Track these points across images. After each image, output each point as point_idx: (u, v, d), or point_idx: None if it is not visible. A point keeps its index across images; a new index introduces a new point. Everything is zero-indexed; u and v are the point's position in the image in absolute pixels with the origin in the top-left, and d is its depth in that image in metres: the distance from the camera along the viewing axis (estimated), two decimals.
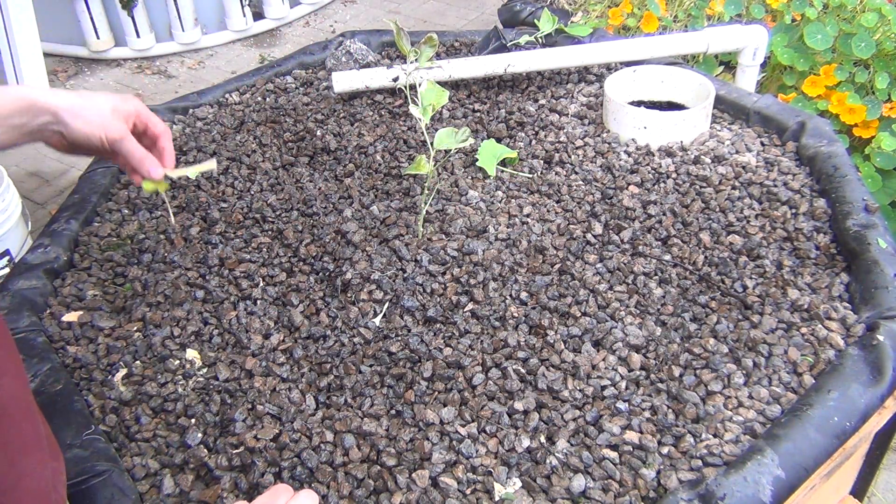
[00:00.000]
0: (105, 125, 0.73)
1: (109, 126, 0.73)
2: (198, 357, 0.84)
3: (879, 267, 0.83)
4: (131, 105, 0.76)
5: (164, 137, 0.79)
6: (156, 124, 0.79)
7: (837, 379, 0.72)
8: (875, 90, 1.62)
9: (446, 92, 0.96)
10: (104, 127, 0.72)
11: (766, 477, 0.64)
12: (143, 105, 0.78)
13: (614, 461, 0.69)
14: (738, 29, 1.34)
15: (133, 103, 0.77)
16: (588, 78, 1.32)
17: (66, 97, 0.72)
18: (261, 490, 0.69)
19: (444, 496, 0.67)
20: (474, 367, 0.79)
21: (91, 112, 0.72)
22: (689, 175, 1.05)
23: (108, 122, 0.73)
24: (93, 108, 0.72)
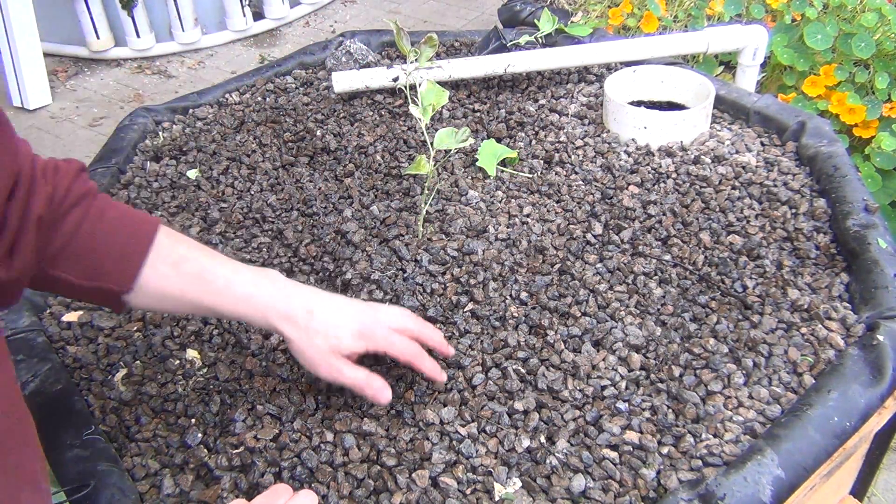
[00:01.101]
0: (316, 367, 0.71)
1: (320, 368, 0.71)
2: (198, 357, 0.84)
3: (879, 267, 0.83)
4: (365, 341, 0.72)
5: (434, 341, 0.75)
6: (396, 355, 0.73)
7: (837, 379, 0.72)
8: (875, 90, 1.62)
9: (446, 92, 0.96)
10: (314, 368, 0.71)
11: (766, 477, 0.64)
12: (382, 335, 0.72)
13: (614, 461, 0.69)
14: (738, 29, 1.34)
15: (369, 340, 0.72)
16: (588, 78, 1.32)
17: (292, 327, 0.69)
18: (260, 490, 0.68)
19: (444, 496, 0.67)
20: (474, 367, 0.79)
21: (308, 352, 0.70)
22: (689, 175, 1.05)
23: (320, 365, 0.71)
24: (311, 348, 0.70)
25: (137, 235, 0.66)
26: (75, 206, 0.63)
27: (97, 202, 0.65)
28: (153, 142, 1.23)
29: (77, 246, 0.63)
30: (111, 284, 0.65)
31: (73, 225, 0.62)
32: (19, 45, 2.73)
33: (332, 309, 0.72)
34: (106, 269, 0.64)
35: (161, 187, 1.13)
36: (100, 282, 0.64)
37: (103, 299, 0.67)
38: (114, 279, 0.65)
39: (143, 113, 1.27)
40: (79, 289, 0.65)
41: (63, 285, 0.64)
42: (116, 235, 0.64)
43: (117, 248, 0.64)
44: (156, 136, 1.24)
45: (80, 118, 2.79)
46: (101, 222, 0.64)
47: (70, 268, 0.63)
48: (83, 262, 0.63)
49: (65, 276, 0.63)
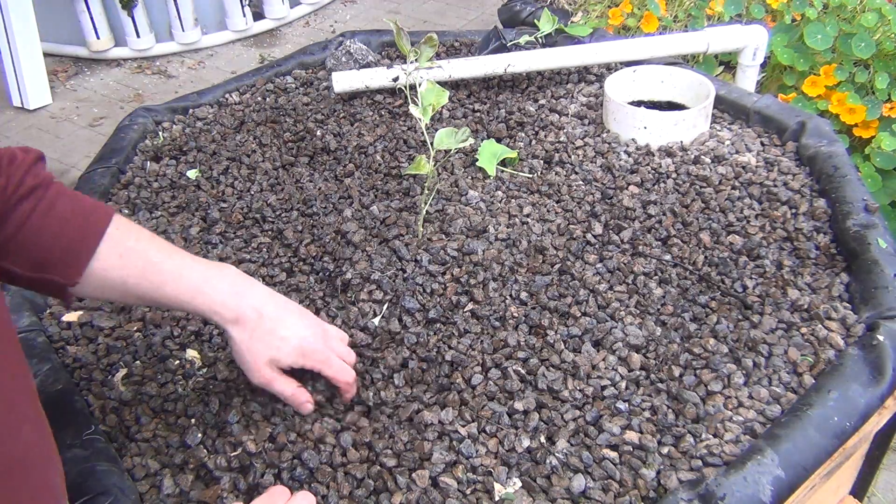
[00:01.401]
0: (252, 373, 0.72)
1: (255, 375, 0.72)
2: (198, 357, 0.84)
3: (879, 267, 0.83)
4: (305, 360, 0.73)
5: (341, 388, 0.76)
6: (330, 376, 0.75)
7: (837, 379, 0.72)
8: (875, 90, 1.62)
9: (446, 92, 0.96)
10: (250, 373, 0.73)
11: (766, 477, 0.64)
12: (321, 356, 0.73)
13: (614, 461, 0.69)
14: (738, 29, 1.34)
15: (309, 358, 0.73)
16: (588, 78, 1.32)
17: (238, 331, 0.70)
18: (260, 490, 0.69)
19: (444, 496, 0.67)
20: (474, 368, 0.79)
21: (248, 357, 0.71)
22: (689, 175, 1.05)
23: (255, 372, 0.72)
24: (252, 354, 0.71)
25: (87, 229, 0.65)
26: (26, 198, 0.62)
27: (49, 193, 0.64)
28: (153, 142, 1.23)
29: (24, 238, 0.62)
30: (57, 277, 0.65)
31: (22, 217, 0.62)
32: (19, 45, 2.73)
33: (281, 319, 0.72)
34: (53, 263, 0.64)
35: (161, 187, 1.13)
36: (46, 273, 0.64)
37: (48, 290, 0.67)
38: (60, 272, 0.64)
39: (143, 113, 1.27)
40: (23, 279, 0.65)
41: (7, 274, 0.64)
42: (65, 229, 0.64)
43: (65, 241, 0.64)
44: (156, 136, 1.24)
45: (80, 118, 2.79)
46: (51, 215, 0.63)
47: (16, 259, 0.63)
48: (30, 254, 0.63)
49: (9, 267, 0.63)
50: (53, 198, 0.64)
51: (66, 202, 0.65)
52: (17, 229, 0.62)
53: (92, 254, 0.65)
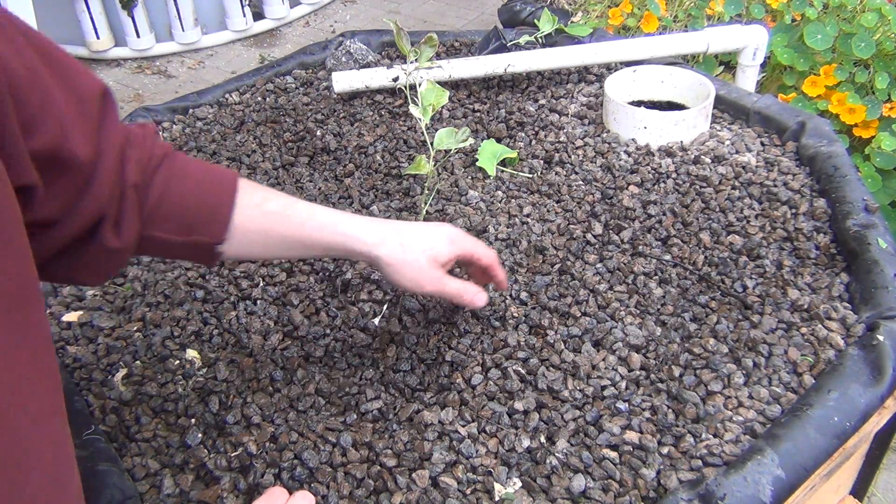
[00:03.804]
0: (420, 281, 0.72)
1: (425, 281, 0.73)
2: (198, 357, 0.84)
3: (879, 267, 0.83)
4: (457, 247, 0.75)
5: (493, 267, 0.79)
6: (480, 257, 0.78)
7: (837, 379, 0.72)
8: (875, 90, 1.62)
9: (446, 92, 0.96)
10: (419, 283, 0.73)
11: (766, 477, 0.64)
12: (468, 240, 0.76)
13: (614, 461, 0.69)
14: (738, 29, 1.34)
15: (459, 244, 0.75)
16: (588, 78, 1.32)
17: (387, 248, 0.71)
18: (260, 490, 0.69)
19: (444, 496, 0.67)
20: (474, 368, 0.79)
21: (408, 268, 0.72)
22: (689, 175, 1.05)
23: (423, 278, 0.72)
24: (412, 263, 0.72)
25: (222, 186, 0.67)
26: (160, 166, 0.64)
27: (177, 160, 0.67)
28: None
29: (169, 204, 0.64)
30: (206, 237, 0.66)
31: (163, 185, 0.64)
32: None
33: (415, 227, 0.74)
34: (199, 223, 0.66)
35: None
36: (195, 235, 0.66)
37: (198, 253, 0.68)
38: (207, 231, 0.66)
39: (143, 113, 1.27)
40: (175, 245, 0.66)
41: (160, 243, 0.66)
42: (203, 189, 0.66)
43: (206, 200, 0.66)
44: None
45: None
46: (187, 178, 0.66)
47: (165, 226, 0.65)
48: (177, 218, 0.65)
49: (161, 235, 0.65)
50: (183, 163, 0.67)
51: (195, 165, 0.67)
52: (161, 197, 0.64)
53: (232, 207, 0.67)
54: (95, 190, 0.57)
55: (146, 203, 0.63)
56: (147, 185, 0.63)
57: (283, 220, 0.69)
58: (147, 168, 0.63)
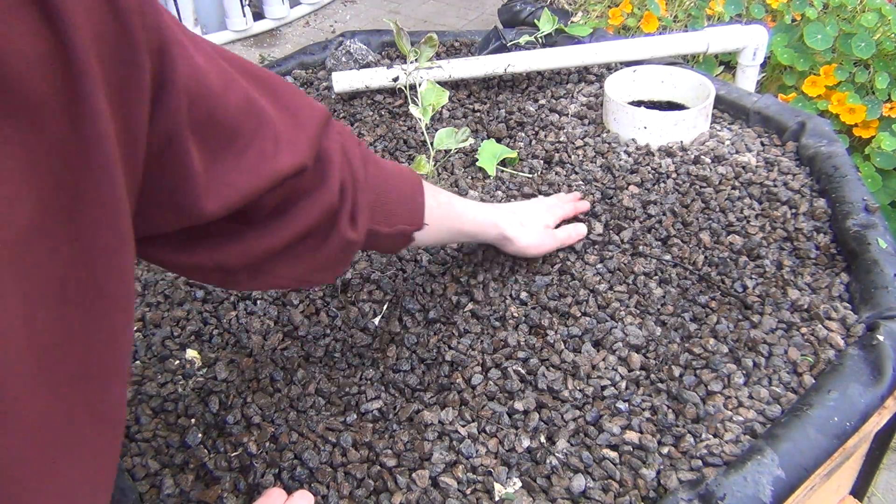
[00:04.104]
0: (541, 245, 0.89)
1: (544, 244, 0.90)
2: (198, 357, 0.84)
3: (879, 267, 0.83)
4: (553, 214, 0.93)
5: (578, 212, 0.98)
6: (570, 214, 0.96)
7: (837, 379, 0.72)
8: (875, 90, 1.62)
9: (446, 92, 0.96)
10: (540, 247, 0.90)
11: (766, 477, 0.64)
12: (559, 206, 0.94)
13: (614, 461, 0.69)
14: (738, 29, 1.34)
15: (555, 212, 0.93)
16: (588, 78, 1.32)
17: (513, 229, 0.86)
18: (260, 490, 0.69)
19: (444, 496, 0.67)
20: (474, 368, 0.79)
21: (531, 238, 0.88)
22: (689, 175, 1.05)
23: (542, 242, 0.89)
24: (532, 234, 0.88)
25: (410, 181, 0.73)
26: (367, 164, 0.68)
27: (373, 157, 0.71)
28: None
29: (377, 199, 0.69)
30: (408, 225, 0.72)
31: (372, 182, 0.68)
32: None
33: (524, 206, 0.93)
34: (401, 213, 0.71)
35: None
36: (399, 225, 0.71)
37: (397, 240, 0.74)
38: (408, 220, 0.72)
39: None
40: (384, 236, 0.71)
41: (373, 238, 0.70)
42: (399, 184, 0.72)
43: (404, 194, 0.72)
44: None
45: None
46: (386, 174, 0.70)
47: (379, 219, 0.69)
48: (384, 210, 0.70)
49: (376, 228, 0.69)
50: (378, 160, 0.71)
51: (385, 162, 0.73)
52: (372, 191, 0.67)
53: (424, 201, 0.73)
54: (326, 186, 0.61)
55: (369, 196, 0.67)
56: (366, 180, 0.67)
57: (450, 212, 0.79)
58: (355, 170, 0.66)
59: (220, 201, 0.51)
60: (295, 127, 0.58)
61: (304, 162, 0.58)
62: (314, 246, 0.63)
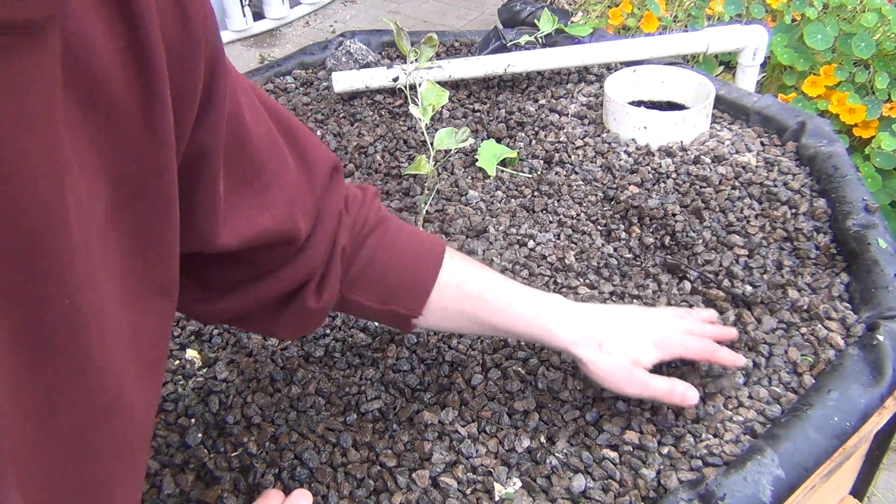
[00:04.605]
0: (621, 385, 0.68)
1: (626, 385, 0.68)
2: (198, 357, 0.84)
3: (879, 267, 0.83)
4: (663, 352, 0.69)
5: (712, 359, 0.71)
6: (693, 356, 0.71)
7: (837, 379, 0.72)
8: (875, 90, 1.62)
9: (446, 92, 0.96)
10: (619, 387, 0.68)
11: (766, 477, 0.64)
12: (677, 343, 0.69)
13: (614, 461, 0.69)
14: (738, 29, 1.34)
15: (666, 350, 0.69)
16: (588, 78, 1.32)
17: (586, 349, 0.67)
18: (260, 490, 0.69)
19: (444, 496, 0.67)
20: (474, 368, 0.79)
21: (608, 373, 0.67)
22: (689, 175, 1.05)
23: (624, 382, 0.67)
24: (612, 367, 0.67)
25: (426, 261, 0.67)
26: (371, 234, 0.65)
27: (390, 228, 0.67)
28: None
29: (372, 272, 0.65)
30: (403, 309, 0.67)
31: (370, 253, 0.65)
32: None
33: (624, 324, 0.70)
34: (398, 295, 0.66)
35: None
36: (393, 306, 0.66)
37: (393, 321, 0.69)
38: (405, 304, 0.67)
39: None
40: (371, 311, 0.67)
41: (356, 307, 0.67)
42: (407, 262, 0.66)
43: (409, 274, 0.66)
44: None
45: None
46: (394, 249, 0.66)
47: (365, 293, 0.66)
48: (377, 287, 0.66)
49: (359, 300, 0.66)
50: (395, 233, 0.67)
51: (405, 237, 0.67)
52: (367, 265, 0.65)
53: (432, 287, 0.67)
54: (308, 256, 0.59)
55: (351, 268, 0.64)
56: (356, 251, 0.64)
57: (481, 305, 0.68)
58: (359, 235, 0.64)
59: (234, 234, 0.50)
60: (308, 182, 0.57)
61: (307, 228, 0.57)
62: (278, 305, 0.61)
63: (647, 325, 0.70)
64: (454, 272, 0.68)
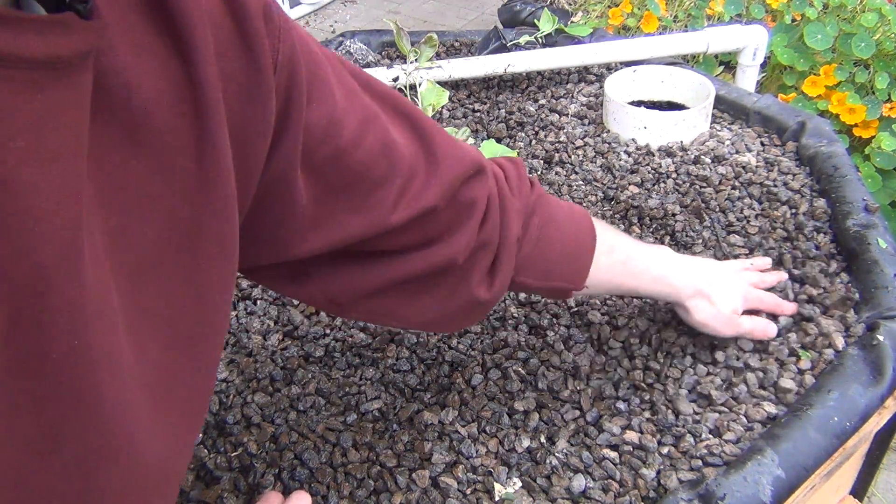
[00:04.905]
0: (721, 328, 0.77)
1: (725, 328, 0.77)
2: None
3: (879, 267, 0.83)
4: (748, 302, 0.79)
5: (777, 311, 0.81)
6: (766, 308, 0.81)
7: (837, 379, 0.72)
8: (875, 90, 1.62)
9: (446, 92, 0.96)
10: (719, 330, 0.77)
11: (766, 477, 0.64)
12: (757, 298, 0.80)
13: (614, 461, 0.69)
14: (738, 29, 1.34)
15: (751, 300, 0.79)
16: (588, 78, 1.31)
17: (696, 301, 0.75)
18: (260, 490, 0.69)
19: (445, 496, 0.67)
20: (474, 368, 0.79)
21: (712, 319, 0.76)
22: (689, 175, 1.05)
23: (724, 326, 0.77)
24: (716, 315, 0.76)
25: (582, 235, 0.68)
26: (534, 213, 0.65)
27: (546, 205, 0.66)
28: None
29: (537, 253, 0.65)
30: (565, 283, 0.68)
31: (535, 235, 0.64)
32: None
33: (723, 279, 0.79)
34: (560, 271, 0.67)
35: None
36: (555, 282, 0.67)
37: (552, 294, 0.70)
38: (568, 278, 0.67)
39: None
40: (533, 289, 0.67)
41: (519, 287, 0.67)
42: (567, 238, 0.67)
43: (569, 250, 0.67)
44: None
45: None
46: (553, 227, 0.66)
47: (529, 273, 0.65)
48: (541, 266, 0.66)
49: (523, 280, 0.65)
50: (549, 206, 0.67)
51: (560, 211, 0.67)
52: (533, 246, 0.64)
53: (591, 258, 0.68)
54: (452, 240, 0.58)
55: (521, 252, 0.64)
56: (524, 235, 0.64)
57: (626, 271, 0.72)
58: (526, 218, 0.64)
59: (322, 240, 0.50)
60: (428, 174, 0.55)
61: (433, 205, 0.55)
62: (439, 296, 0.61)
63: (736, 280, 0.80)
64: (603, 241, 0.69)
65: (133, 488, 0.38)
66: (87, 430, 0.34)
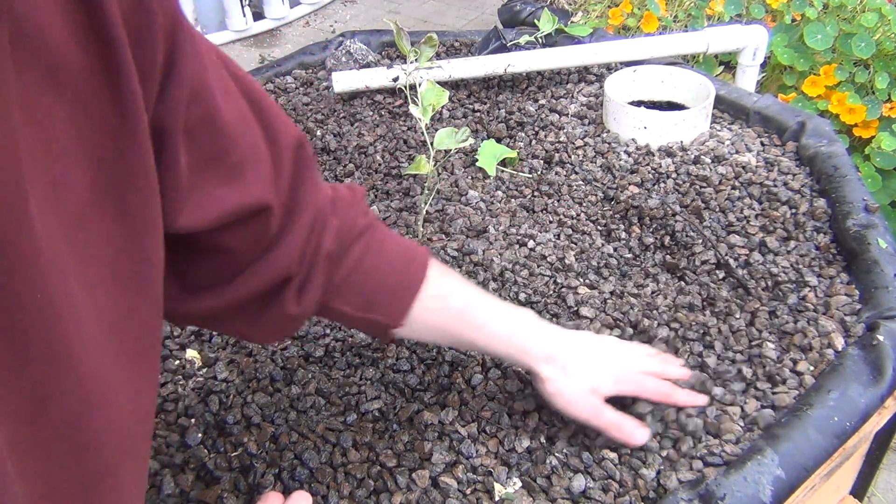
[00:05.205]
0: (575, 408, 0.69)
1: (579, 409, 0.69)
2: (198, 357, 0.84)
3: (879, 267, 0.83)
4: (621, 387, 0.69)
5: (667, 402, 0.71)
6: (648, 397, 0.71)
7: (837, 379, 0.72)
8: (875, 90, 1.62)
9: (446, 92, 0.96)
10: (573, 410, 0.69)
11: (766, 477, 0.64)
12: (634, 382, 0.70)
13: (614, 461, 0.69)
14: (738, 29, 1.34)
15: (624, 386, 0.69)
16: (588, 78, 1.31)
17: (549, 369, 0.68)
18: (261, 490, 0.69)
19: (444, 496, 0.67)
20: (474, 368, 0.79)
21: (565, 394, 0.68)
22: (689, 175, 1.05)
23: (578, 406, 0.68)
24: (570, 390, 0.68)
25: (410, 272, 0.66)
26: (358, 239, 0.63)
27: (377, 234, 0.65)
28: None
29: (356, 280, 0.63)
30: (382, 318, 0.65)
31: (356, 259, 0.63)
32: None
33: (590, 352, 0.71)
34: (379, 303, 0.65)
35: None
36: (373, 314, 0.65)
37: (372, 330, 0.68)
38: (386, 313, 0.65)
39: None
40: (350, 319, 0.65)
41: (336, 315, 0.65)
42: (392, 271, 0.65)
43: (392, 284, 0.65)
44: None
45: None
46: (380, 257, 0.64)
47: (347, 300, 0.64)
48: (360, 295, 0.64)
49: (340, 308, 0.64)
50: (382, 240, 0.65)
51: (392, 245, 0.66)
52: (352, 271, 0.63)
53: (415, 297, 0.65)
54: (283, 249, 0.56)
55: (336, 274, 0.62)
56: (341, 256, 0.62)
57: (462, 321, 0.68)
58: (346, 239, 0.62)
59: (200, 213, 0.48)
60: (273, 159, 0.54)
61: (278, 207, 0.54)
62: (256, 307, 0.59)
63: (611, 358, 0.71)
64: (439, 285, 0.67)
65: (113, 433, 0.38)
66: (66, 384, 0.34)
